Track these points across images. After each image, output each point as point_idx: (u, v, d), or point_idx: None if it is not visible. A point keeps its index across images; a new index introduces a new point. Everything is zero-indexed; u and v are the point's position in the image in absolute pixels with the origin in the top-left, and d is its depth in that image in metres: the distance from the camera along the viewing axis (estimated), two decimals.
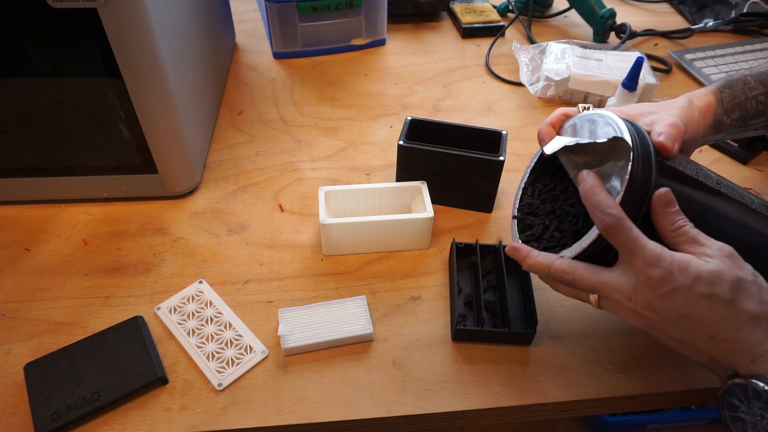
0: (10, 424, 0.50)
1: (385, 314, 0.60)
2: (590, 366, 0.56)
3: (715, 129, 0.54)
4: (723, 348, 0.40)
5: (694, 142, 0.53)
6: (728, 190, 0.48)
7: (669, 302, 0.40)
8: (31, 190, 0.68)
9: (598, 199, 0.42)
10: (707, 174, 0.48)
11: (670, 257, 0.41)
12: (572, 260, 0.45)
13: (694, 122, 0.51)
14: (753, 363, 0.39)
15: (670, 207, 0.42)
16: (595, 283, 0.44)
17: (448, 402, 0.53)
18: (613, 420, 1.18)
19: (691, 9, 1.14)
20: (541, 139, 0.53)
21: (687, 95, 0.54)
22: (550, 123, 0.53)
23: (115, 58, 0.56)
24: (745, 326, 0.40)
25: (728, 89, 0.54)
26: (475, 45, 1.04)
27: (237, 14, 1.05)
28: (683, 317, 0.41)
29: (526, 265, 0.48)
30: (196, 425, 0.51)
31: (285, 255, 0.65)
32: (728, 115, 0.53)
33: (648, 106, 0.53)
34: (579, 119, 0.51)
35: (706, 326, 0.40)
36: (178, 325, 0.58)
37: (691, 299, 0.40)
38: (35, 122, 0.62)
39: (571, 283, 0.45)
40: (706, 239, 0.42)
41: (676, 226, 0.42)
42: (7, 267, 0.63)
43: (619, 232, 0.41)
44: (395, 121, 0.85)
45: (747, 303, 0.40)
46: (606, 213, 0.41)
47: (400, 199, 0.68)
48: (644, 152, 0.44)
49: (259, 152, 0.79)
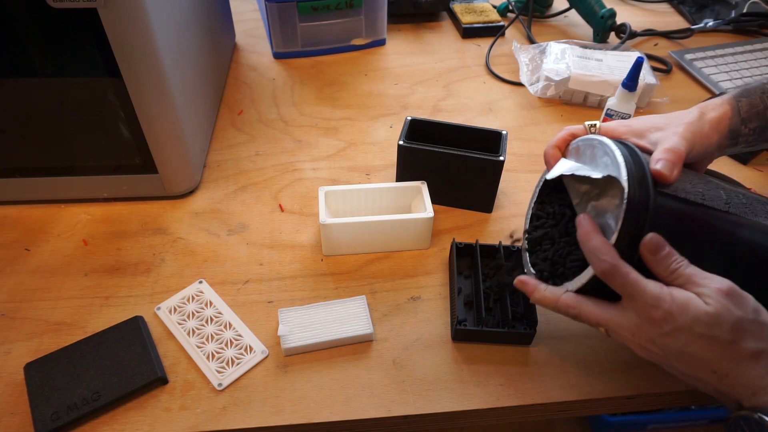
0: (10, 424, 0.50)
1: (385, 314, 0.60)
2: (590, 366, 0.56)
3: (731, 139, 0.52)
4: (726, 382, 0.41)
5: (707, 154, 0.51)
6: (738, 208, 0.47)
7: (671, 340, 0.41)
8: (31, 190, 0.68)
9: (593, 246, 0.43)
10: (715, 194, 0.47)
11: (670, 297, 0.41)
12: (578, 296, 0.46)
13: (703, 136, 0.50)
14: (755, 396, 0.40)
15: (660, 252, 0.42)
16: (600, 319, 0.44)
17: (448, 402, 0.53)
18: (613, 420, 1.18)
19: (691, 9, 1.14)
20: (546, 162, 0.54)
21: (700, 106, 0.53)
22: (556, 145, 0.53)
23: (115, 58, 0.56)
24: (745, 362, 0.41)
25: (745, 98, 0.52)
26: (475, 45, 1.04)
27: (237, 14, 1.05)
28: (685, 354, 0.42)
29: (533, 299, 0.48)
30: (196, 425, 0.51)
31: (285, 255, 0.65)
32: (746, 124, 0.52)
33: (656, 121, 0.52)
34: (583, 142, 0.51)
35: (707, 363, 0.41)
36: (178, 325, 0.58)
37: (691, 339, 0.41)
38: (35, 122, 0.62)
39: (576, 317, 0.46)
40: (703, 278, 0.42)
41: (670, 270, 0.42)
42: (7, 267, 0.63)
43: (615, 277, 0.42)
44: (395, 121, 0.85)
45: (747, 342, 0.41)
46: (601, 260, 0.42)
47: (400, 199, 0.68)
48: (640, 191, 0.43)
49: (259, 152, 0.79)
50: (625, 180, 0.43)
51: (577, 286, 0.46)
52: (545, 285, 0.48)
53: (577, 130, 0.53)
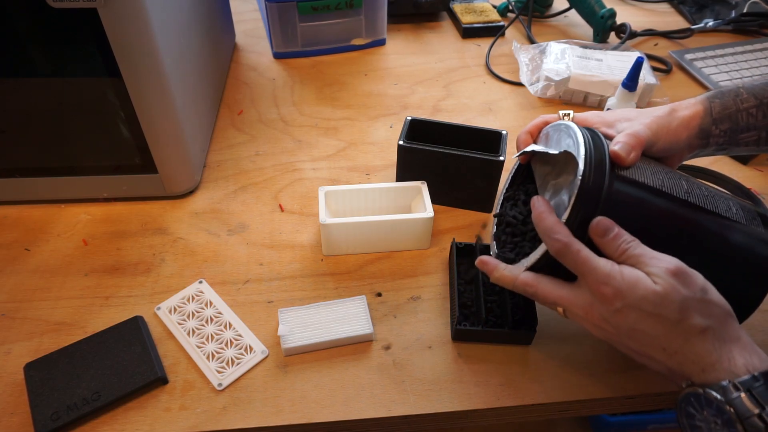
0: (10, 424, 0.50)
1: (385, 314, 0.60)
2: (590, 366, 0.56)
3: (701, 139, 0.53)
4: (676, 359, 0.42)
5: (674, 151, 0.52)
6: (700, 199, 0.47)
7: (621, 318, 0.42)
8: (31, 190, 0.68)
9: (546, 225, 0.45)
10: (675, 183, 0.47)
11: (620, 275, 0.42)
12: (536, 275, 0.47)
13: (670, 132, 0.51)
14: (704, 372, 0.41)
15: (608, 234, 0.43)
16: (556, 298, 0.46)
17: (448, 402, 0.53)
18: (613, 420, 1.17)
19: (691, 9, 1.14)
20: (518, 146, 0.56)
21: (672, 104, 0.54)
22: (528, 131, 0.55)
23: (115, 58, 0.56)
24: (693, 339, 0.41)
25: (719, 99, 0.53)
26: (475, 45, 1.04)
27: (237, 14, 1.05)
28: (636, 331, 0.42)
29: (493, 278, 0.50)
30: (196, 425, 0.51)
31: (285, 255, 0.65)
32: (717, 125, 0.52)
33: (627, 113, 0.53)
34: (552, 128, 0.52)
35: (657, 340, 0.42)
36: (178, 325, 0.58)
37: (641, 317, 0.42)
38: (35, 122, 0.62)
39: (534, 295, 0.47)
40: (652, 258, 0.42)
41: (620, 251, 0.43)
42: (7, 267, 0.63)
43: (566, 255, 0.43)
44: (395, 121, 0.85)
45: (694, 319, 0.41)
46: (553, 239, 0.44)
47: (400, 199, 0.68)
48: (596, 171, 0.44)
49: (259, 152, 0.79)
50: (582, 158, 0.44)
51: (532, 261, 0.47)
52: (505, 264, 0.49)
53: (550, 118, 0.55)
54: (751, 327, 0.57)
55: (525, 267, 0.47)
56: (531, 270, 0.47)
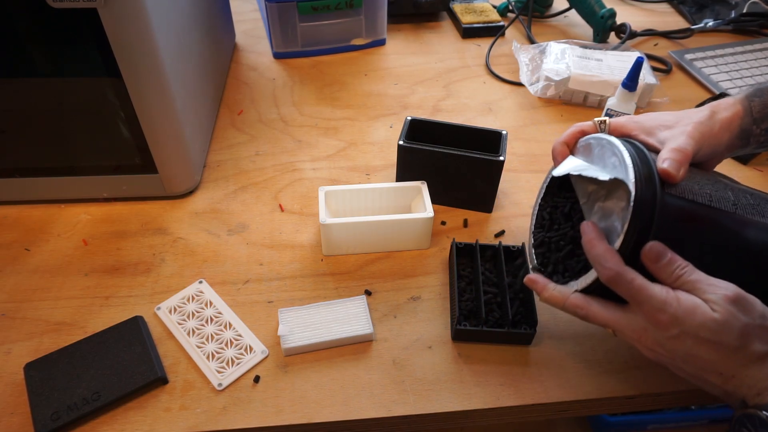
0: (10, 424, 0.50)
1: (385, 314, 0.60)
2: (590, 366, 0.56)
3: (742, 139, 0.51)
4: (732, 383, 0.42)
5: (715, 154, 0.51)
6: (746, 209, 0.46)
7: (678, 344, 0.42)
8: (31, 190, 0.68)
9: (596, 253, 0.44)
10: (723, 195, 0.46)
11: (677, 302, 0.41)
12: (586, 296, 0.46)
13: (713, 136, 0.49)
14: (759, 396, 0.41)
15: (661, 260, 0.42)
16: (608, 321, 0.45)
17: (448, 402, 0.53)
18: (613, 420, 1.17)
19: (691, 9, 1.14)
20: (554, 158, 0.54)
21: (711, 105, 0.52)
22: (565, 141, 0.53)
23: (115, 58, 0.56)
24: (752, 365, 0.41)
25: (758, 98, 0.52)
26: (475, 45, 1.04)
27: (237, 14, 1.05)
28: (692, 357, 0.42)
29: (543, 297, 0.49)
30: (196, 425, 0.51)
31: (285, 255, 0.65)
32: (757, 125, 0.51)
33: (665, 118, 0.51)
34: (595, 140, 0.50)
35: (714, 365, 0.42)
36: (178, 325, 0.58)
37: (698, 343, 0.41)
38: (35, 122, 0.62)
39: (585, 318, 0.46)
40: (710, 285, 0.42)
41: (674, 277, 0.42)
42: (7, 267, 0.63)
43: (620, 284, 0.43)
44: (395, 121, 0.85)
45: (754, 345, 0.41)
46: (605, 267, 0.43)
47: (400, 199, 0.68)
48: (647, 193, 0.43)
49: (259, 152, 0.79)
50: (632, 183, 0.43)
51: (583, 286, 0.46)
52: (554, 284, 0.48)
53: (586, 126, 0.53)
54: None
55: (575, 289, 0.46)
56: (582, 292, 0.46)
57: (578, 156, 0.52)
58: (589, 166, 0.49)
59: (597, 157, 0.49)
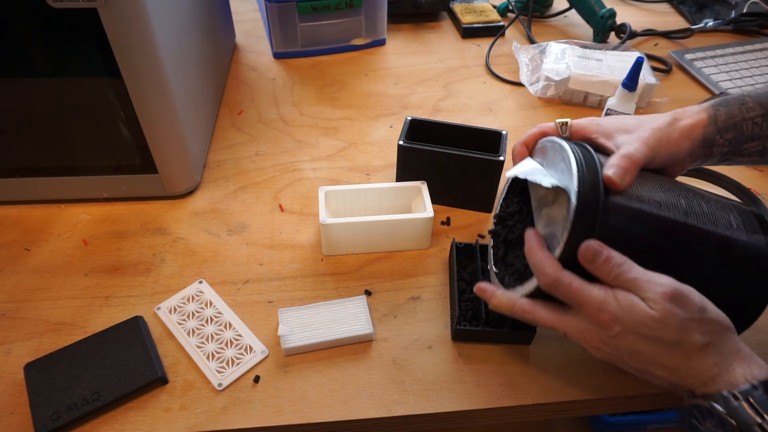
0: (10, 424, 0.50)
1: (385, 314, 0.60)
2: (590, 366, 0.56)
3: (705, 148, 0.51)
4: (678, 375, 0.43)
5: (675, 161, 0.51)
6: (699, 217, 0.46)
7: (621, 341, 0.43)
8: (31, 190, 0.68)
9: (535, 260, 0.45)
10: (674, 202, 0.46)
11: (615, 301, 0.42)
12: (532, 301, 0.47)
13: (671, 143, 0.49)
14: (705, 386, 0.42)
15: (597, 259, 0.43)
16: (554, 323, 0.46)
17: (448, 402, 0.53)
18: (613, 420, 1.18)
19: (691, 9, 1.14)
20: (513, 158, 0.54)
21: (675, 112, 0.52)
22: (524, 142, 0.54)
23: (115, 58, 0.56)
24: (694, 356, 0.42)
25: (724, 108, 0.51)
26: (475, 45, 1.04)
27: (237, 14, 1.05)
28: (636, 353, 0.43)
29: (491, 305, 0.50)
30: (196, 425, 0.51)
31: (285, 255, 0.65)
32: (721, 134, 0.51)
33: (626, 122, 0.51)
34: (549, 143, 0.51)
35: (658, 359, 0.43)
36: (178, 325, 0.58)
37: (639, 339, 0.42)
38: (35, 122, 0.62)
39: (532, 322, 0.48)
40: (647, 282, 0.42)
41: (613, 275, 0.43)
42: (7, 267, 0.63)
43: (558, 289, 0.44)
44: (395, 121, 0.85)
45: (694, 337, 0.41)
46: (544, 274, 0.44)
47: (400, 199, 0.68)
48: (589, 203, 0.43)
49: (259, 152, 0.79)
50: (575, 192, 0.43)
51: (527, 291, 0.47)
52: (502, 291, 0.49)
53: (547, 128, 0.54)
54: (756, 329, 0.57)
55: (521, 294, 0.48)
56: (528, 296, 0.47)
57: (536, 158, 0.53)
58: (539, 170, 0.49)
59: (550, 160, 0.49)
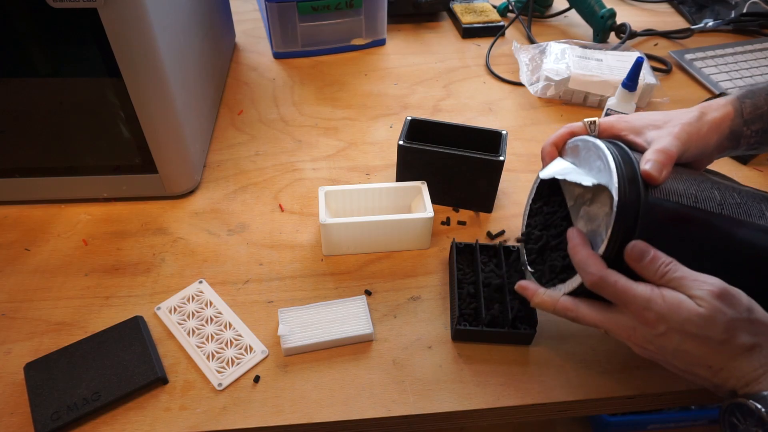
0: (10, 424, 0.50)
1: (385, 314, 0.60)
2: (590, 366, 0.56)
3: (732, 141, 0.51)
4: (721, 375, 0.43)
5: (704, 155, 0.51)
6: (732, 208, 0.46)
7: (666, 340, 0.43)
8: (31, 190, 0.68)
9: (579, 259, 0.45)
10: (708, 195, 0.46)
11: (661, 299, 0.42)
12: (574, 299, 0.47)
13: (701, 137, 0.49)
14: (748, 386, 0.42)
15: (644, 259, 0.43)
16: (597, 321, 0.46)
17: (448, 402, 0.53)
18: (613, 420, 1.18)
19: (691, 9, 1.14)
20: (543, 158, 0.54)
21: (701, 106, 0.52)
22: (553, 142, 0.54)
23: (115, 58, 0.56)
24: (740, 357, 0.42)
25: (750, 99, 0.51)
26: (475, 45, 1.04)
27: (237, 14, 1.05)
28: (681, 352, 0.43)
29: (533, 303, 0.50)
30: (196, 425, 0.51)
31: (285, 255, 0.65)
32: (748, 126, 0.51)
33: (654, 118, 0.51)
34: (582, 142, 0.50)
35: (702, 359, 0.43)
36: (178, 325, 0.58)
37: (685, 338, 0.42)
38: (35, 122, 0.62)
39: (575, 319, 0.47)
40: (694, 280, 0.42)
41: (659, 274, 0.43)
42: (7, 267, 0.63)
43: (603, 288, 0.44)
44: (395, 121, 0.85)
45: (741, 338, 0.41)
46: (588, 272, 0.44)
47: (400, 199, 0.68)
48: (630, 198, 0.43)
49: (259, 152, 0.79)
50: (616, 189, 0.43)
51: (570, 289, 0.47)
52: (544, 289, 0.49)
53: (576, 128, 0.53)
54: None
55: (563, 292, 0.47)
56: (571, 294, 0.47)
57: (566, 158, 0.53)
58: (574, 170, 0.49)
59: (583, 159, 0.49)
